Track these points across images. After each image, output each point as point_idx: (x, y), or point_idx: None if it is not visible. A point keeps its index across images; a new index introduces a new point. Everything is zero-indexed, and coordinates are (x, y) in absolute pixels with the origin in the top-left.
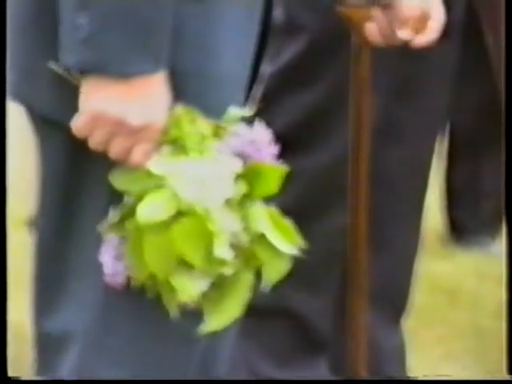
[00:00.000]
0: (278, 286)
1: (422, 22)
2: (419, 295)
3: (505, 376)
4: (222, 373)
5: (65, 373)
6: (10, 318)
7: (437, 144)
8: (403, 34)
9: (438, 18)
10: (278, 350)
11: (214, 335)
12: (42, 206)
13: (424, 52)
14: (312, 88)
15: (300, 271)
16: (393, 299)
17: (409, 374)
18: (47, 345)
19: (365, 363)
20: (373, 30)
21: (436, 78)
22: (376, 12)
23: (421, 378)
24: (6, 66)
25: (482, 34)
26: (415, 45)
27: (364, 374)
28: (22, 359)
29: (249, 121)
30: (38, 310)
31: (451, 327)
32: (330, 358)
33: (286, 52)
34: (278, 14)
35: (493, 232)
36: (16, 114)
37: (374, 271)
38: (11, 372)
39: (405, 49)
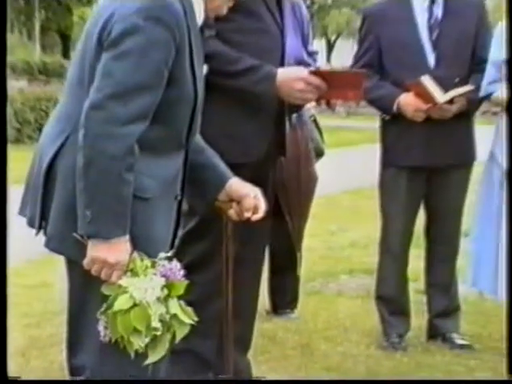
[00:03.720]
0: (185, 337)
1: (255, 208)
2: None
3: (505, 376)
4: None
5: None
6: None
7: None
8: (247, 214)
9: (262, 206)
10: (186, 370)
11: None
12: (70, 301)
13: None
14: (204, 239)
15: (197, 328)
16: (248, 343)
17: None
18: (74, 372)
19: (231, 373)
20: (233, 213)
21: (257, 240)
22: (234, 205)
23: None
24: (6, 69)
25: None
26: (253, 219)
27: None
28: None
29: (170, 259)
30: (68, 353)
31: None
32: (214, 373)
33: (186, 225)
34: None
35: (292, 308)
36: None
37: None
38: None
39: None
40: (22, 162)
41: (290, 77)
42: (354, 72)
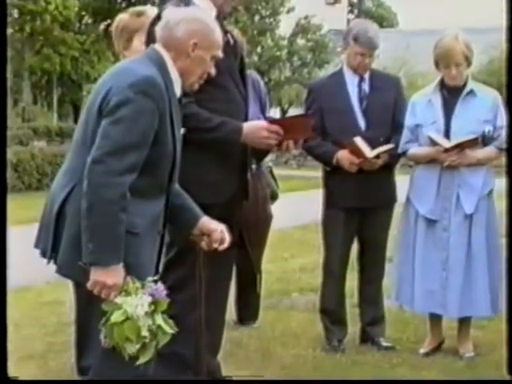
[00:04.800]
0: (168, 343)
1: (222, 240)
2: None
3: (505, 376)
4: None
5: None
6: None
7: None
8: (215, 245)
9: (227, 238)
10: (170, 370)
11: (145, 364)
12: (78, 315)
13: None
14: (182, 266)
15: (178, 336)
16: (218, 347)
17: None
18: (81, 371)
19: (205, 372)
20: (204, 245)
21: (225, 265)
22: (205, 238)
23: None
24: (6, 67)
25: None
26: (220, 249)
27: (204, 377)
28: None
29: (156, 281)
30: (77, 356)
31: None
32: (193, 371)
33: (168, 254)
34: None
35: (254, 319)
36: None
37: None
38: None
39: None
40: (41, 206)
41: (255, 127)
42: (303, 115)
